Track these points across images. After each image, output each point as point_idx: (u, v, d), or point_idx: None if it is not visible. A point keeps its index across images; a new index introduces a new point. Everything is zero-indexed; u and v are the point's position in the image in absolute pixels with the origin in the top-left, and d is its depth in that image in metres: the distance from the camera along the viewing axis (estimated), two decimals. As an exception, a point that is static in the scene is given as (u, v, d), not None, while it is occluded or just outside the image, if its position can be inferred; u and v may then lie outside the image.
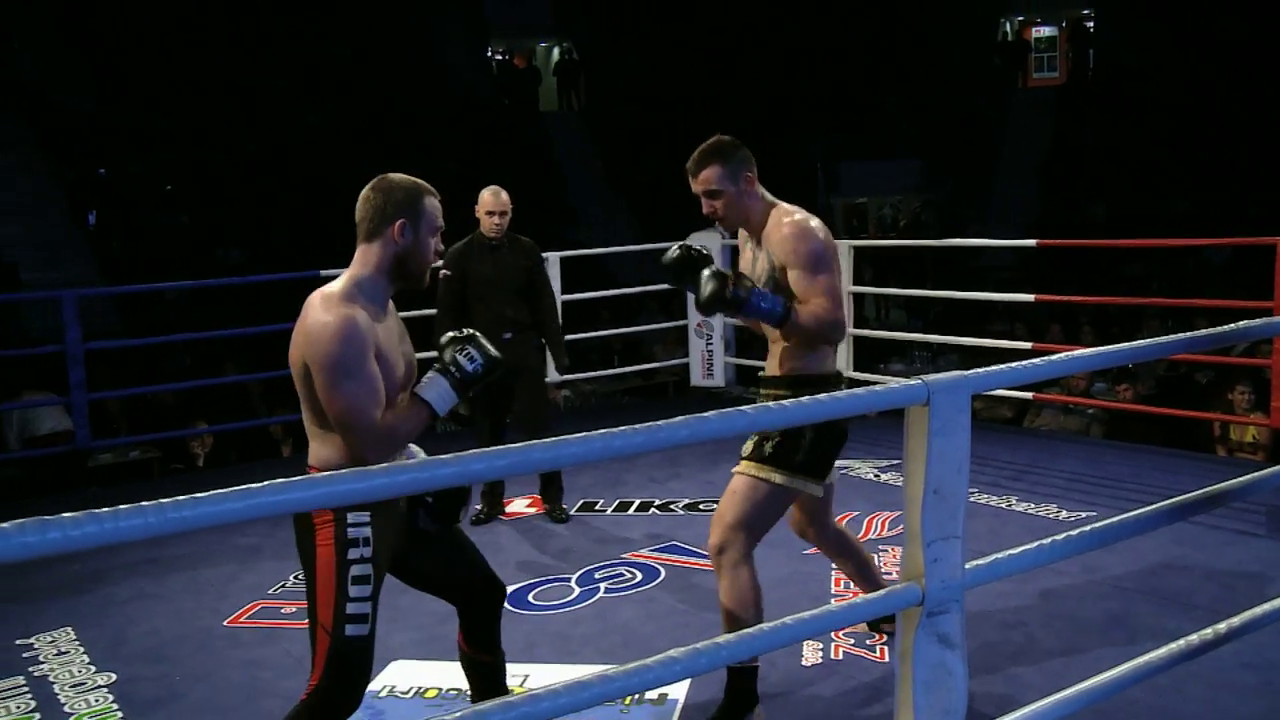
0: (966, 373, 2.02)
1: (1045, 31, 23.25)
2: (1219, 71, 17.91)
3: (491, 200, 5.41)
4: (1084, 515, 5.26)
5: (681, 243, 3.41)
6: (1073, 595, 4.27)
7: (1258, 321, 2.76)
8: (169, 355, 10.66)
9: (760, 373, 3.55)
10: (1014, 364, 2.15)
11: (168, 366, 10.37)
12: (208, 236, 15.77)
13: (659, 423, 1.66)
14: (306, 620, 2.71)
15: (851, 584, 4.03)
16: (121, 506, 1.38)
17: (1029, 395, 7.29)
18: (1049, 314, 11.08)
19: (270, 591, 4.70)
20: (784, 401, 1.80)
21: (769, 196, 3.40)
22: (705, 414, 1.69)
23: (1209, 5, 18.55)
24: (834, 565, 4.04)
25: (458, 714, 1.49)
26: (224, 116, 17.47)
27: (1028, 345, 6.66)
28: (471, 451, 1.51)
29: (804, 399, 1.88)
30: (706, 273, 3.22)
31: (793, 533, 3.79)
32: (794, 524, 3.73)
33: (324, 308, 2.61)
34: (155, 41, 18.09)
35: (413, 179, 2.80)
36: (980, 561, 2.11)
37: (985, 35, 22.57)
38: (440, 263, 5.01)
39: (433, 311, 5.49)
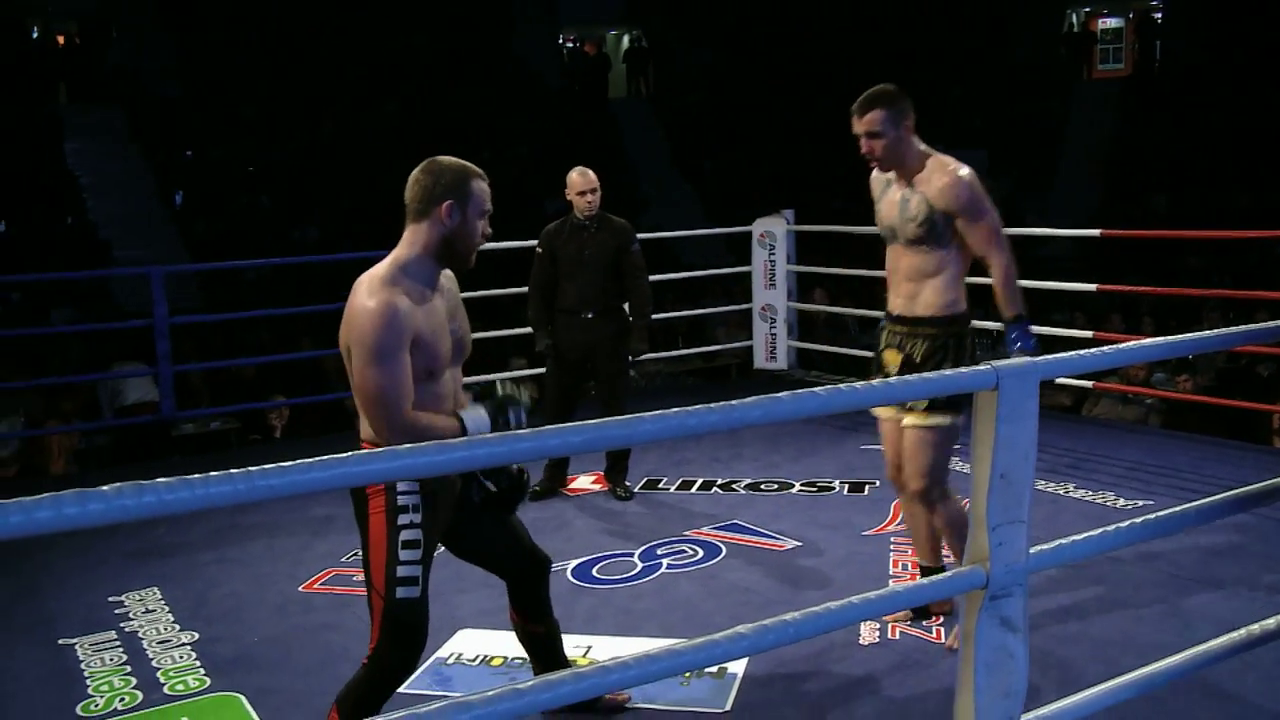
0: (1036, 359, 1.99)
1: (1112, 23, 22.79)
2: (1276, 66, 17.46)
3: (580, 180, 5.41)
4: (1140, 504, 5.16)
5: None
6: (1129, 583, 4.20)
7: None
8: (249, 330, 10.81)
9: (891, 312, 3.72)
10: (1081, 352, 2.11)
11: (248, 341, 10.50)
12: (287, 217, 15.98)
13: (733, 402, 1.64)
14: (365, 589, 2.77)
15: (912, 553, 4.07)
16: (212, 474, 1.40)
17: (1089, 384, 7.18)
18: (1109, 304, 10.88)
19: (343, 559, 4.75)
20: (855, 384, 1.78)
21: (924, 146, 3.61)
22: (778, 395, 1.67)
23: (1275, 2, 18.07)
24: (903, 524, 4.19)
25: (530, 682, 1.49)
26: (304, 103, 17.68)
27: (1089, 334, 6.55)
28: (550, 427, 1.50)
29: (878, 381, 1.86)
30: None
31: (865, 523, 3.81)
32: (891, 471, 3.87)
33: (368, 292, 2.63)
34: (241, 32, 18.33)
35: (461, 162, 2.80)
36: (1044, 547, 2.08)
37: (1052, 26, 22.17)
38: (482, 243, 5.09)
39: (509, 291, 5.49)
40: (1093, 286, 6.86)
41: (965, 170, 3.51)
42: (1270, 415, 7.36)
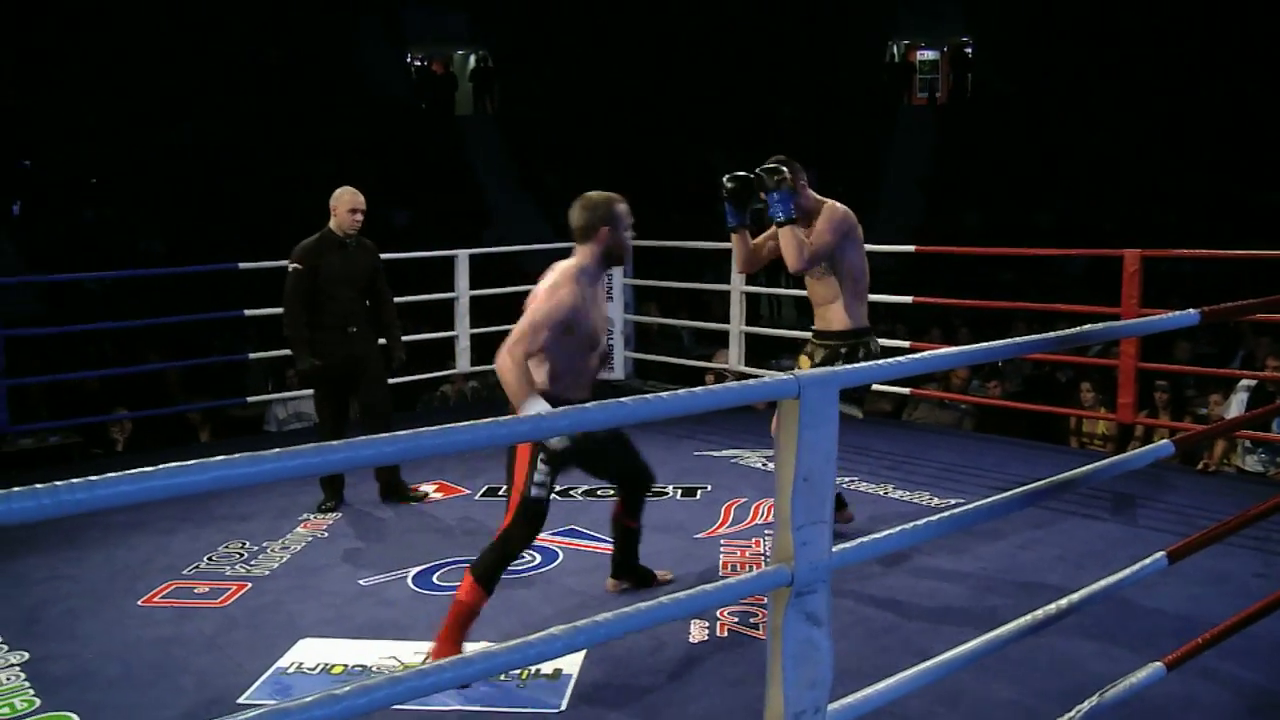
0: (835, 369, 2.06)
1: (928, 55, 23.71)
2: (1080, 97, 18.43)
3: (353, 199, 5.34)
4: (952, 502, 5.37)
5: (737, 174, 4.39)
6: (941, 576, 4.37)
7: (1098, 326, 2.85)
8: (92, 343, 10.37)
9: (814, 329, 4.62)
10: (878, 362, 2.19)
11: (90, 354, 10.08)
12: (131, 229, 15.37)
13: (540, 415, 1.66)
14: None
15: (741, 554, 4.30)
16: (16, 489, 1.34)
17: (906, 390, 7.44)
18: (929, 316, 11.29)
19: (185, 572, 4.60)
20: (662, 394, 1.82)
21: (818, 197, 4.51)
22: (584, 405, 1.70)
23: (1076, 35, 19.06)
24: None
25: (347, 688, 1.48)
26: (149, 113, 17.04)
27: (906, 344, 6.79)
28: (363, 439, 1.50)
29: (681, 391, 1.90)
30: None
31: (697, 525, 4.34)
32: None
33: (561, 279, 3.61)
34: (80, 37, 17.56)
35: (606, 194, 3.78)
36: (846, 545, 2.15)
37: (875, 55, 22.93)
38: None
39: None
40: (909, 299, 7.10)
41: (837, 205, 4.45)
42: (1068, 418, 7.76)
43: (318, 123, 18.17)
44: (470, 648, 3.64)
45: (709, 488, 5.64)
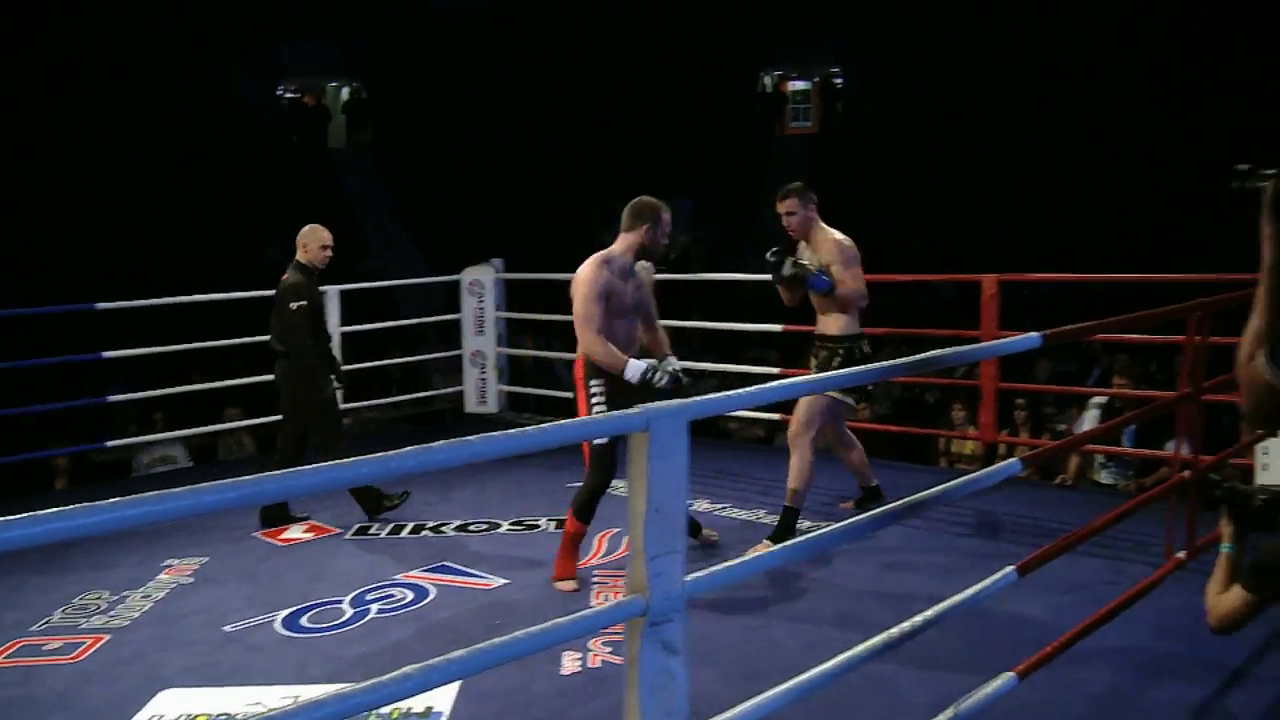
0: (684, 401, 2.10)
1: (800, 85, 24.23)
2: (952, 126, 19.06)
3: (325, 235, 5.78)
4: (825, 525, 5.47)
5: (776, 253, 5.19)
6: (815, 598, 4.46)
7: (945, 351, 2.96)
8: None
9: (816, 334, 5.39)
10: (728, 393, 2.25)
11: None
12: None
13: (421, 446, 1.67)
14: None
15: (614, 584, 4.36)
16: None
17: (777, 416, 7.54)
18: (805, 343, 11.48)
19: (33, 628, 4.41)
20: (543, 426, 1.85)
21: (822, 224, 5.31)
22: (431, 444, 1.71)
23: (947, 65, 19.73)
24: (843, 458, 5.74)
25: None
26: (19, 147, 16.43)
27: (775, 371, 6.92)
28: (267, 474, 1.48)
29: (547, 424, 1.92)
30: (788, 262, 5.18)
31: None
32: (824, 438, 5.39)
33: (588, 265, 4.54)
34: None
35: (656, 201, 4.65)
36: (699, 574, 2.19)
37: (750, 85, 23.38)
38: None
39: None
40: (779, 327, 7.24)
41: (845, 239, 5.19)
42: (936, 439, 7.98)
43: (190, 156, 17.76)
44: (326, 689, 3.59)
45: (584, 519, 5.66)
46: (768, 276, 7.89)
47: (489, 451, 1.83)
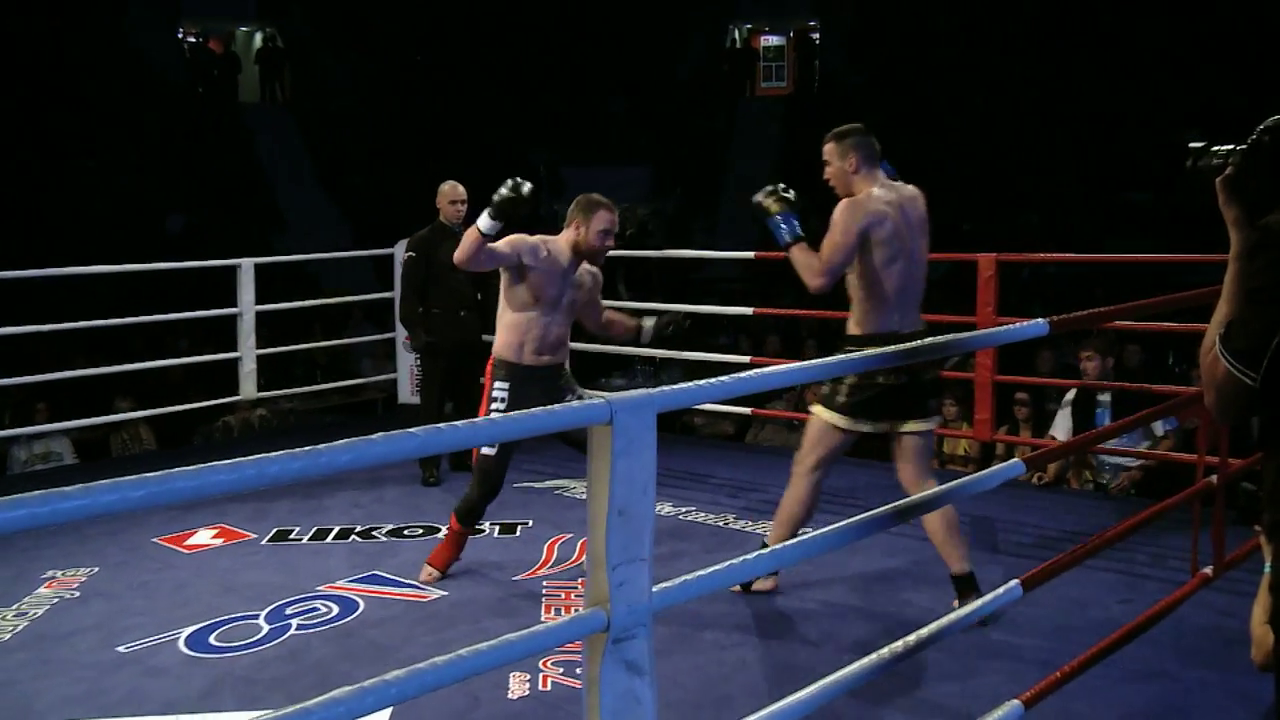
0: (651, 390, 2.08)
1: (773, 41, 24.27)
2: (937, 90, 19.15)
3: (453, 190, 6.50)
4: (802, 532, 5.50)
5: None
6: (787, 612, 4.47)
7: (939, 339, 2.97)
8: None
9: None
10: (699, 382, 2.23)
11: None
12: None
13: (317, 447, 1.63)
14: None
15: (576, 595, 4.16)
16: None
17: (748, 411, 7.56)
18: (773, 327, 11.52)
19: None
20: (457, 424, 1.82)
21: (877, 186, 4.40)
22: (351, 440, 1.68)
23: (933, 21, 19.81)
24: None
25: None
26: None
27: (746, 359, 6.93)
28: (107, 482, 1.44)
29: (480, 420, 1.90)
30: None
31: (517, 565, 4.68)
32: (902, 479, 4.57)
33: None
34: None
35: (598, 198, 4.69)
36: (668, 584, 2.18)
37: (715, 42, 23.37)
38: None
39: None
40: (749, 310, 7.25)
41: (855, 197, 4.34)
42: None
43: (75, 110, 17.47)
44: (247, 717, 3.56)
45: (530, 523, 5.65)
46: (737, 254, 7.96)
47: (429, 446, 1.80)
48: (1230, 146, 2.08)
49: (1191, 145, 2.14)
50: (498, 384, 4.69)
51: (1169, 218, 14.07)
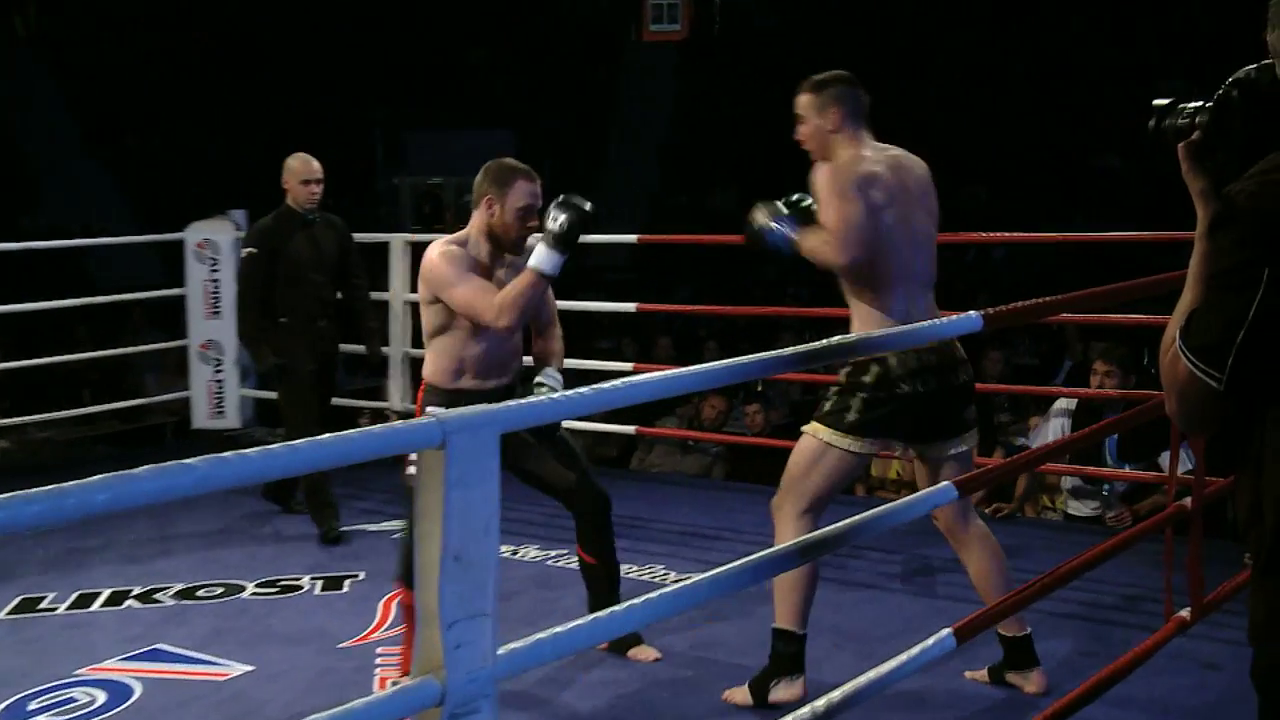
0: (491, 407, 2.10)
1: (665, -26, 24.42)
2: (854, 33, 19.46)
3: (304, 167, 6.19)
4: (693, 577, 5.54)
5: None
6: (679, 675, 4.52)
7: (850, 337, 3.04)
8: None
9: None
10: (551, 396, 2.26)
11: None
12: None
13: (62, 486, 1.61)
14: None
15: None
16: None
17: (632, 429, 7.61)
18: (666, 327, 11.60)
19: None
20: (246, 453, 1.81)
21: (865, 147, 4.30)
22: (125, 472, 1.67)
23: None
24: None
25: None
26: None
27: (629, 366, 6.98)
28: None
29: (284, 445, 1.90)
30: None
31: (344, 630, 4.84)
32: (940, 524, 4.43)
33: (436, 246, 4.44)
34: None
35: (514, 163, 4.45)
36: (516, 645, 2.20)
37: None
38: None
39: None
40: (632, 307, 7.31)
41: (842, 159, 4.21)
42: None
43: None
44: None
45: (360, 576, 5.64)
46: (618, 237, 7.99)
47: (225, 478, 1.79)
48: (1199, 103, 2.15)
49: (1156, 102, 2.21)
50: (432, 411, 4.53)
51: (1147, 187, 14.48)
